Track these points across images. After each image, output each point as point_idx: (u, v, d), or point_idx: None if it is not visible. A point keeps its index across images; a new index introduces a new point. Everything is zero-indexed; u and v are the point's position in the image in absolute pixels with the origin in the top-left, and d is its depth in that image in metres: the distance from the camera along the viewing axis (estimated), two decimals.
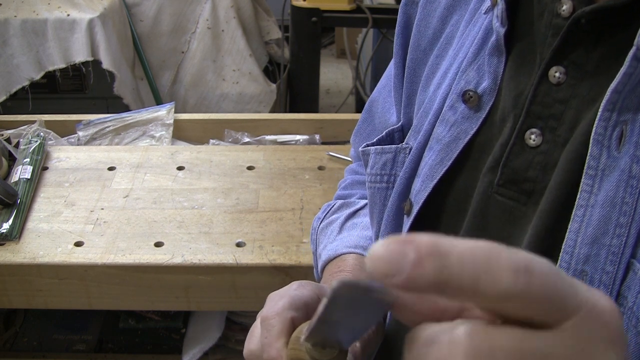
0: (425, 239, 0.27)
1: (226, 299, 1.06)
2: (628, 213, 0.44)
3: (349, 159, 1.13)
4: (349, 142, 1.45)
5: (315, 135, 1.45)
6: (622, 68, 0.43)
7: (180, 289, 1.05)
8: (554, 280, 0.28)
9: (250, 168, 1.29)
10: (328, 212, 0.78)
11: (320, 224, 0.78)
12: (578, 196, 0.46)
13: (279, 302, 0.50)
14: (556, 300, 0.28)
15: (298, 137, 1.45)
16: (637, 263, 0.44)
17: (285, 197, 1.20)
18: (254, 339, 0.52)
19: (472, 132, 0.54)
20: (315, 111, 2.39)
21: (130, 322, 1.34)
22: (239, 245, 1.07)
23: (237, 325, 1.30)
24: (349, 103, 2.75)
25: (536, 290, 0.27)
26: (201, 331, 1.27)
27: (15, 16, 1.94)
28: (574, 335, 0.28)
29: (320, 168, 1.29)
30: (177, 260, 1.04)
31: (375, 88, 0.76)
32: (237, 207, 1.17)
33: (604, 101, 0.45)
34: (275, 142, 1.44)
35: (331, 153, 1.33)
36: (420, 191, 0.57)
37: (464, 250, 0.27)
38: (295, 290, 0.53)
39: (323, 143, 1.44)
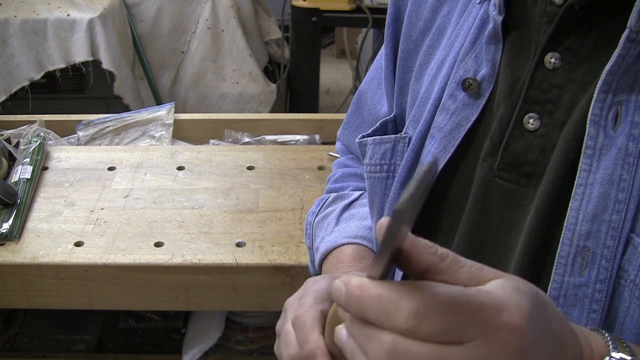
0: (353, 282, 0.37)
1: (226, 299, 1.06)
2: (626, 189, 0.46)
3: None
4: None
5: (315, 135, 1.45)
6: (616, 50, 0.45)
7: (180, 289, 1.05)
8: (446, 320, 0.35)
9: (250, 168, 1.29)
10: (322, 206, 0.78)
11: (315, 218, 0.78)
12: (577, 175, 0.48)
13: (303, 300, 0.51)
14: (451, 332, 0.35)
15: (298, 137, 1.45)
16: (637, 237, 0.46)
17: (285, 197, 1.20)
18: (291, 344, 0.50)
19: (473, 119, 0.55)
20: (315, 111, 2.39)
21: (130, 322, 1.34)
22: (239, 245, 1.07)
23: (237, 325, 1.30)
24: (349, 103, 2.74)
25: (426, 330, 0.35)
26: (201, 331, 1.27)
27: (15, 16, 1.94)
28: (477, 351, 0.35)
29: (320, 168, 1.29)
30: (177, 260, 1.04)
31: (364, 80, 0.77)
32: (237, 207, 1.17)
33: (599, 83, 0.46)
34: (275, 142, 1.44)
35: (331, 153, 1.33)
36: None
37: (373, 295, 0.36)
38: (314, 285, 0.53)
39: (323, 143, 1.44)
